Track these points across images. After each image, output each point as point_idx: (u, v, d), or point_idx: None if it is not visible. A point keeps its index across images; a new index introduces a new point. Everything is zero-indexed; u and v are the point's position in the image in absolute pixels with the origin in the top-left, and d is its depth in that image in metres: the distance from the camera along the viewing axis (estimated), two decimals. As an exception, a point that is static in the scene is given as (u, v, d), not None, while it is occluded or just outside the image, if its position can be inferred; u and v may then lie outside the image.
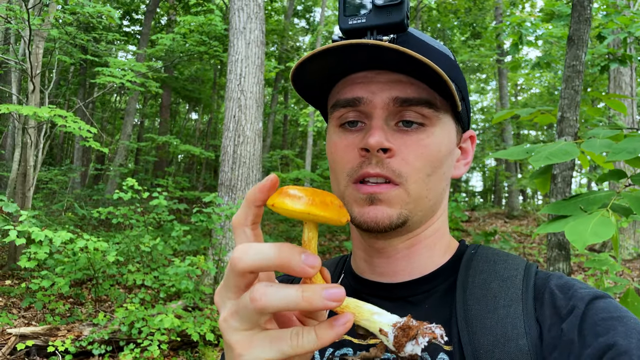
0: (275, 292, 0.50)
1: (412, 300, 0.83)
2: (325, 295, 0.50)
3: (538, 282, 0.79)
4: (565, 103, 2.61)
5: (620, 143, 1.69)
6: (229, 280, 0.53)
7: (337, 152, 0.82)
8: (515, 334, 0.71)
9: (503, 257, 0.85)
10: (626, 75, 10.48)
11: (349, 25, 0.79)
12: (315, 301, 0.49)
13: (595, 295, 0.73)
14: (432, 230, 0.86)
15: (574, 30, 2.64)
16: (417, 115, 0.78)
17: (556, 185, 2.56)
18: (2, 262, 9.07)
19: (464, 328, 0.74)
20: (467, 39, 21.89)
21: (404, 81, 0.77)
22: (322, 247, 12.48)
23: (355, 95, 0.79)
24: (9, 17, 8.24)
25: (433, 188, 0.81)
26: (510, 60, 10.02)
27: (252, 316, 0.51)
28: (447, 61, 0.83)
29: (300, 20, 25.75)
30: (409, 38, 0.80)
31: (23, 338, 5.47)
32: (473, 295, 0.78)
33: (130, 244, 7.16)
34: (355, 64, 0.78)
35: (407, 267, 0.85)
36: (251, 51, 7.85)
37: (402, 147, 0.77)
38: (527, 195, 25.40)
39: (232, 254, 0.52)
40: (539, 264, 6.47)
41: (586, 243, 1.59)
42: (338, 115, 0.82)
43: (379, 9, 0.77)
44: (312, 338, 0.51)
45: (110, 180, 15.33)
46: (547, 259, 2.67)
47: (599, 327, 0.67)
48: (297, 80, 0.81)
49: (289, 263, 0.50)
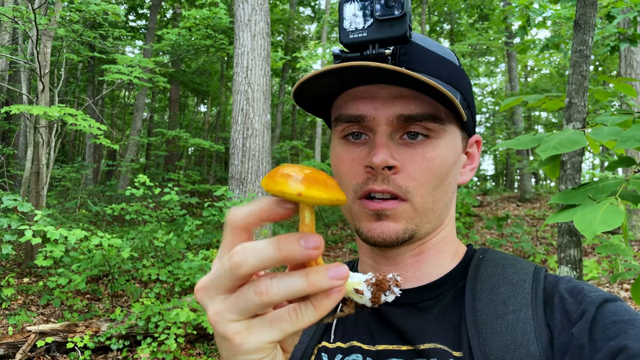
0: (280, 283, 0.49)
1: (421, 307, 0.83)
2: (330, 275, 0.49)
3: (547, 286, 0.78)
4: (573, 89, 2.58)
5: (628, 130, 1.68)
6: (220, 280, 0.51)
7: (342, 166, 0.82)
8: (526, 340, 0.71)
9: (512, 261, 0.84)
10: (637, 54, 10.31)
11: (349, 39, 0.77)
12: (321, 283, 0.49)
13: (606, 298, 0.72)
14: (440, 237, 0.86)
15: (580, 14, 2.61)
16: (422, 128, 0.77)
17: (565, 171, 2.55)
18: (20, 260, 9.21)
19: (474, 333, 0.74)
20: (475, 21, 21.60)
21: (407, 95, 0.76)
22: (335, 235, 12.51)
23: (359, 113, 0.78)
24: (16, 18, 8.29)
25: (439, 200, 0.81)
26: (519, 43, 9.91)
27: (256, 309, 0.50)
28: (451, 68, 0.82)
29: (306, 9, 25.59)
30: (412, 48, 0.79)
31: (42, 335, 5.57)
32: (482, 300, 0.78)
33: (144, 240, 7.24)
34: (356, 80, 0.77)
35: (415, 273, 0.85)
36: (257, 43, 7.83)
37: (407, 162, 0.77)
38: (539, 177, 25.20)
39: (230, 258, 0.50)
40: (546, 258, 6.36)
41: (595, 232, 1.58)
42: (341, 128, 0.82)
43: (380, 22, 0.75)
44: (311, 311, 0.50)
45: (122, 176, 15.45)
46: (558, 246, 2.66)
47: (610, 330, 0.67)
48: (300, 98, 0.81)
49: (292, 255, 0.49)
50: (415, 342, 0.78)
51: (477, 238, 10.76)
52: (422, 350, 0.77)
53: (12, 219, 6.08)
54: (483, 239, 10.84)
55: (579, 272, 2.56)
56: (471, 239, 10.27)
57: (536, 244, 10.31)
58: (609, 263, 8.24)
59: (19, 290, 7.43)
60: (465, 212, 10.92)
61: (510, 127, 20.32)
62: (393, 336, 0.81)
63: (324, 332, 0.89)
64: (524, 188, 17.12)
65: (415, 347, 0.77)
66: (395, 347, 0.80)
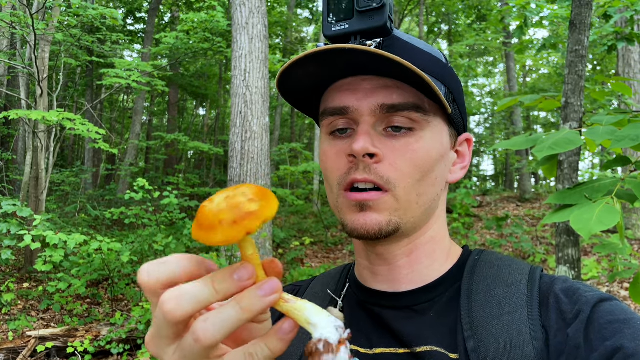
0: (215, 322, 0.48)
1: (417, 309, 0.82)
2: (261, 294, 0.48)
3: (543, 286, 0.78)
4: (569, 88, 2.59)
5: (623, 130, 1.68)
6: (162, 330, 0.50)
7: (328, 160, 0.82)
8: (521, 341, 0.70)
9: (507, 262, 0.84)
10: (635, 52, 10.33)
11: (332, 31, 0.78)
12: (255, 306, 0.48)
13: (601, 298, 0.72)
14: (429, 236, 0.85)
15: (575, 14, 2.61)
16: (405, 120, 0.77)
17: (563, 171, 2.55)
18: (20, 265, 9.21)
19: (470, 335, 0.74)
20: (473, 22, 21.64)
21: (390, 86, 0.76)
22: (335, 238, 12.50)
23: (343, 105, 0.78)
24: (14, 23, 8.30)
25: (424, 193, 0.80)
26: (516, 43, 9.92)
27: (201, 354, 0.49)
28: (435, 63, 0.82)
29: (304, 11, 25.62)
30: (395, 42, 0.79)
31: (43, 340, 5.57)
32: (478, 302, 0.77)
33: (143, 243, 7.24)
34: (339, 71, 0.78)
35: (408, 275, 0.85)
36: (255, 46, 7.84)
37: (389, 152, 0.77)
38: (539, 177, 25.21)
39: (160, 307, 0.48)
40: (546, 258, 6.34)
41: (591, 231, 1.59)
42: (327, 123, 0.82)
43: (361, 14, 0.76)
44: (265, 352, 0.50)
45: (121, 180, 15.46)
46: (556, 245, 2.66)
47: (606, 330, 0.67)
48: (285, 91, 0.81)
49: (229, 292, 0.48)
50: (412, 345, 0.77)
51: (476, 238, 10.76)
52: (418, 353, 0.76)
53: (12, 224, 6.08)
54: (483, 239, 10.84)
55: (577, 272, 2.56)
56: (471, 240, 10.28)
57: (536, 244, 10.31)
58: (608, 262, 8.24)
59: (19, 295, 7.43)
60: (464, 212, 10.91)
61: (509, 128, 20.33)
62: (390, 339, 0.81)
63: None
64: (524, 188, 17.12)
65: (412, 350, 0.77)
66: (392, 351, 0.79)
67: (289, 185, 16.97)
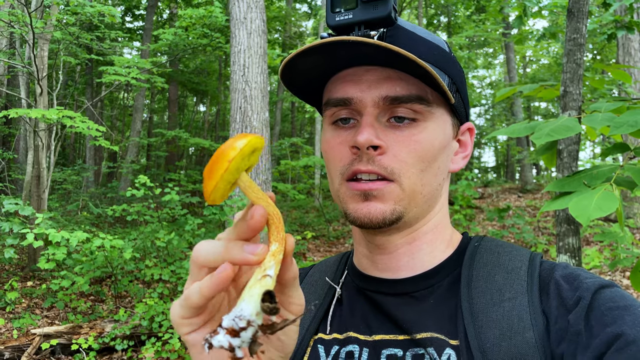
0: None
1: (417, 296, 0.82)
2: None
3: (543, 273, 0.78)
4: (568, 77, 2.58)
5: (622, 116, 1.68)
6: (192, 272, 0.57)
7: (330, 150, 0.82)
8: (522, 327, 0.71)
9: (507, 248, 0.84)
10: (635, 41, 10.27)
11: (335, 21, 0.78)
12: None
13: (602, 284, 0.72)
14: (431, 225, 0.85)
15: (573, 2, 2.60)
16: (409, 111, 0.77)
17: (562, 160, 2.55)
18: (23, 264, 9.24)
19: (470, 322, 0.74)
20: (472, 13, 21.55)
21: (393, 77, 0.76)
22: (337, 231, 12.51)
23: (346, 96, 0.78)
24: (13, 22, 8.29)
25: (428, 183, 0.80)
26: (516, 34, 9.89)
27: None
28: (439, 53, 0.82)
29: (302, 5, 25.53)
30: (399, 31, 0.79)
31: (47, 337, 5.59)
32: (478, 288, 0.78)
33: (146, 240, 7.26)
34: (343, 61, 0.77)
35: (409, 262, 0.85)
36: (253, 41, 7.82)
37: (393, 143, 0.77)
38: (540, 168, 25.17)
39: (193, 251, 0.57)
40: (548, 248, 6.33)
41: (590, 218, 1.59)
42: (330, 113, 0.82)
43: (365, 4, 0.76)
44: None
45: (123, 177, 15.48)
46: (557, 234, 2.66)
47: (606, 317, 0.67)
48: (290, 82, 0.81)
49: (233, 258, 0.53)
50: (411, 332, 0.78)
51: (478, 230, 10.75)
52: (419, 339, 0.76)
53: (14, 223, 6.10)
54: (484, 230, 10.84)
55: (577, 261, 2.56)
56: (472, 231, 10.27)
57: (538, 234, 10.30)
58: (610, 252, 8.24)
59: (23, 293, 7.46)
60: (466, 204, 10.91)
61: (509, 119, 20.30)
62: (390, 326, 0.81)
63: (320, 323, 0.88)
64: (525, 179, 17.12)
65: (412, 336, 0.77)
66: (392, 337, 0.79)
67: (290, 179, 16.97)
